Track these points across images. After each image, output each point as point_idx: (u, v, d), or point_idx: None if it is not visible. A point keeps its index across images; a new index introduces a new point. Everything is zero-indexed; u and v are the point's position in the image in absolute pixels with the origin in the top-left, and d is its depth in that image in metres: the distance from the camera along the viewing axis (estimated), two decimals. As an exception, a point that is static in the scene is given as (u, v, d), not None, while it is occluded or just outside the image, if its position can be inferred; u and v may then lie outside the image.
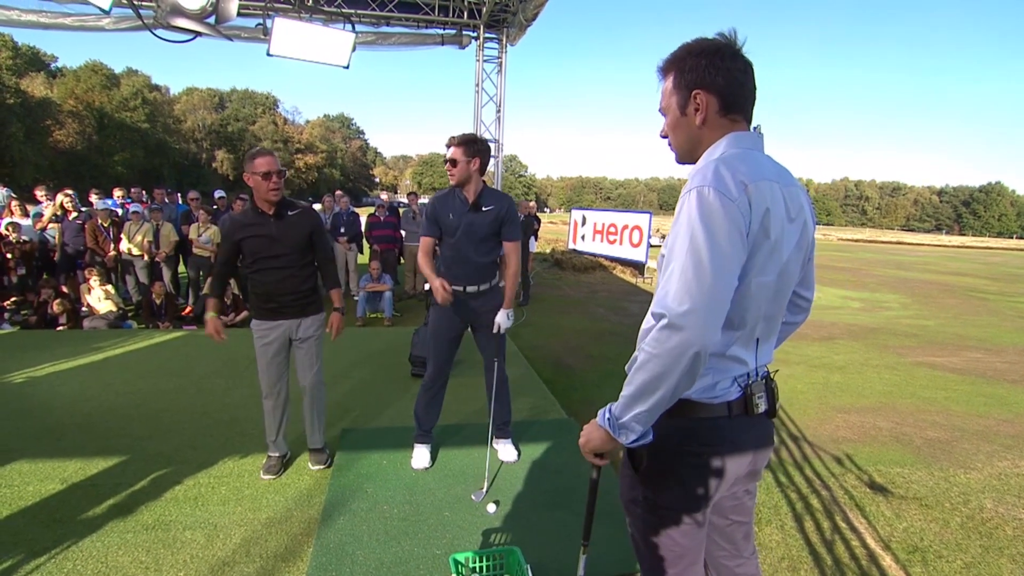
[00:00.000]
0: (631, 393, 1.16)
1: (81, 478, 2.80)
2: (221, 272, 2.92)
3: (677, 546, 1.32)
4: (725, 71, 1.21)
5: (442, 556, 2.25)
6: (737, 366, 1.25)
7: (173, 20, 3.77)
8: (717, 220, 1.09)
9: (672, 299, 1.09)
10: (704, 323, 1.07)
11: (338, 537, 2.35)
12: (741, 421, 1.27)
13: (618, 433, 1.20)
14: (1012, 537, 3.06)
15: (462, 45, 6.04)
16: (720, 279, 1.08)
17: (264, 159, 2.63)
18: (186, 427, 3.48)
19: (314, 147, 57.24)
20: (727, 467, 1.27)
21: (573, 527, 2.52)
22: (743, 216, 1.11)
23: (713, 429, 1.26)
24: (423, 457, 3.08)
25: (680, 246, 1.11)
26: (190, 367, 4.68)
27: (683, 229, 1.12)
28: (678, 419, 1.26)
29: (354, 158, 68.05)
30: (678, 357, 1.08)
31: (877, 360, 6.78)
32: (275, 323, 2.81)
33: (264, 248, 2.71)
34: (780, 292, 1.25)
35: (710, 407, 1.25)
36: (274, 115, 56.61)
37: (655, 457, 1.27)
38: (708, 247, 1.08)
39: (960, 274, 20.49)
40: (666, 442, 1.27)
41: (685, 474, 1.27)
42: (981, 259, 32.66)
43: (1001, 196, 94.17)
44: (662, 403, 1.14)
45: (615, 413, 1.20)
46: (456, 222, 2.83)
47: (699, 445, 1.26)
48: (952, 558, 2.83)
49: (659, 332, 1.10)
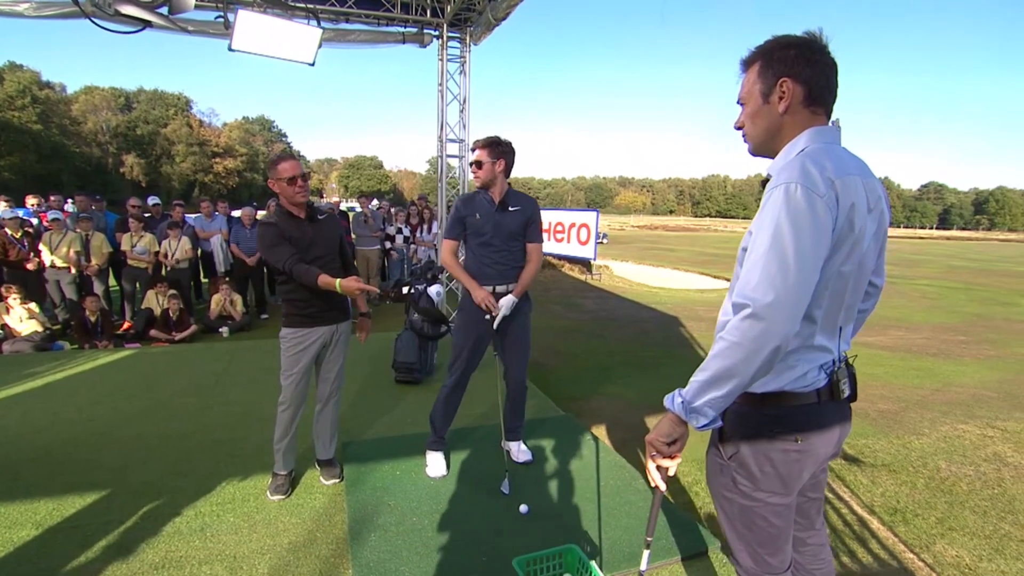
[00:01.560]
0: (706, 379, 1.19)
1: (58, 519, 2.50)
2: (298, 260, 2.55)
3: (773, 527, 1.37)
4: (813, 63, 1.25)
5: (490, 563, 2.21)
6: (823, 355, 1.30)
7: (120, 7, 3.44)
8: (803, 216, 1.13)
9: (757, 291, 1.13)
10: (786, 316, 1.11)
11: (375, 555, 2.24)
12: (829, 406, 1.32)
13: (690, 417, 1.23)
14: (968, 492, 3.42)
15: (423, 44, 5.92)
16: (803, 274, 1.12)
17: (287, 164, 2.56)
18: (167, 453, 3.20)
19: (233, 151, 54.04)
20: (818, 450, 1.32)
21: (599, 523, 2.55)
22: (830, 211, 1.15)
23: (805, 416, 1.30)
24: (439, 465, 3.01)
25: (764, 239, 1.15)
26: (151, 388, 4.30)
27: (768, 223, 1.16)
28: (772, 408, 1.31)
29: (277, 161, 64.96)
30: (760, 347, 1.12)
31: (820, 342, 7.32)
32: (311, 330, 2.67)
33: (303, 252, 2.59)
34: (859, 281, 1.31)
35: (802, 395, 1.29)
36: (188, 117, 52.94)
37: (751, 446, 1.32)
38: (793, 242, 1.12)
39: (867, 261, 22.47)
40: (761, 431, 1.32)
41: (779, 460, 1.31)
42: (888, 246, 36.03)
43: (890, 189, 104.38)
44: (737, 390, 1.18)
45: (687, 398, 1.23)
46: (484, 222, 2.81)
47: (793, 432, 1.30)
48: (926, 516, 3.12)
49: (741, 322, 1.14)
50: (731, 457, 1.37)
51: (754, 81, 1.32)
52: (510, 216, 2.82)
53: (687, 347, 6.88)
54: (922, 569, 2.67)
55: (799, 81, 1.26)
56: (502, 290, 2.86)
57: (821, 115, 1.30)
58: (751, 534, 1.40)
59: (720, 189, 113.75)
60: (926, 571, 2.66)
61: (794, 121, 1.29)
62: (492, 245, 2.82)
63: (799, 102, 1.27)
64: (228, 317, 6.86)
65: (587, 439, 3.50)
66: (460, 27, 5.60)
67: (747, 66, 1.35)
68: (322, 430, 2.89)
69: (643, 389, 5.15)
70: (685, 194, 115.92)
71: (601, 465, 3.15)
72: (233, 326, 6.73)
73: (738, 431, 1.35)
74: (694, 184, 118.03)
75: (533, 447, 3.29)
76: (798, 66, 1.25)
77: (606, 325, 8.03)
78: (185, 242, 7.05)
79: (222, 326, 6.68)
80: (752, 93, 1.33)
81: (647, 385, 5.28)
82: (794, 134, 1.29)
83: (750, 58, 1.34)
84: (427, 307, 4.63)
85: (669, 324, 8.27)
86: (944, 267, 21.09)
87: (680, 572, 2.28)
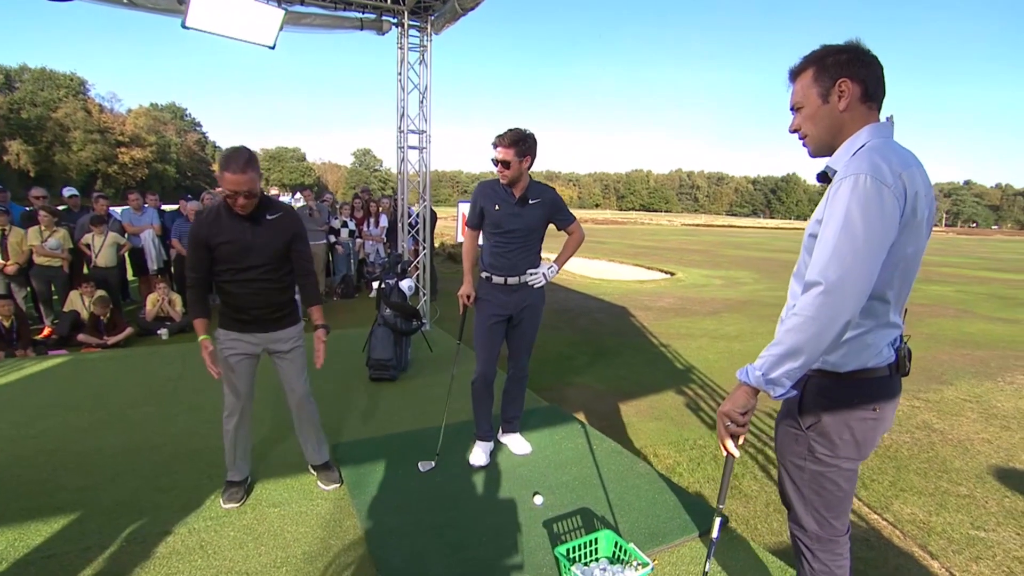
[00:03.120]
0: (783, 352, 1.30)
1: (26, 550, 2.22)
2: (198, 283, 2.45)
3: (841, 491, 1.51)
4: (867, 64, 1.38)
5: (519, 556, 2.21)
6: (894, 331, 1.44)
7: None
8: (872, 204, 1.24)
9: (828, 270, 1.24)
10: (855, 293, 1.24)
11: (400, 558, 2.17)
12: (896, 378, 1.47)
13: (768, 388, 1.34)
14: (909, 457, 3.82)
15: (382, 31, 5.71)
16: (872, 256, 1.24)
17: (231, 177, 2.20)
18: (138, 467, 2.93)
19: (141, 140, 49.56)
20: (888, 417, 1.47)
21: (610, 508, 2.64)
22: (898, 200, 1.26)
23: (880, 388, 1.44)
24: (480, 455, 3.05)
25: (835, 224, 1.26)
26: (99, 397, 3.91)
27: (839, 211, 1.26)
28: (852, 382, 1.43)
29: (190, 152, 60.39)
30: (831, 322, 1.24)
31: (761, 328, 7.84)
32: (242, 335, 2.49)
33: (237, 257, 2.36)
34: (917, 263, 1.44)
35: (877, 370, 1.43)
36: (85, 101, 47.95)
37: (832, 416, 1.44)
38: (863, 227, 1.23)
39: (786, 251, 24.27)
40: (842, 402, 1.44)
41: (858, 428, 1.44)
42: (795, 238, 38.92)
43: (796, 185, 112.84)
44: (810, 361, 1.30)
45: (764, 371, 1.34)
46: (502, 214, 2.79)
47: (871, 402, 1.44)
48: (881, 480, 3.46)
49: (815, 299, 1.26)
50: (810, 427, 1.49)
51: (809, 85, 1.42)
52: (530, 209, 2.82)
53: (641, 336, 7.14)
54: (887, 528, 2.96)
55: (856, 80, 1.37)
56: (513, 282, 2.86)
57: (875, 111, 1.41)
58: (819, 499, 1.53)
59: (643, 183, 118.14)
60: (890, 529, 2.95)
61: (853, 117, 1.39)
62: (510, 237, 2.82)
63: (857, 99, 1.38)
64: (166, 318, 6.35)
65: (578, 428, 3.57)
66: (421, 15, 5.46)
67: (797, 75, 1.46)
68: (305, 437, 2.76)
69: (608, 378, 5.30)
70: (610, 188, 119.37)
71: (598, 452, 3.22)
72: (173, 327, 6.24)
73: (820, 403, 1.46)
74: (619, 178, 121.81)
75: (528, 439, 3.31)
76: (853, 67, 1.37)
77: (560, 316, 8.17)
78: (117, 238, 6.45)
79: (160, 328, 6.18)
80: (809, 96, 1.43)
81: (611, 374, 5.45)
82: (854, 130, 1.40)
83: (800, 67, 1.45)
84: (399, 302, 4.52)
85: (619, 314, 8.54)
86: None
87: (699, 546, 2.39)
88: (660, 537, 2.36)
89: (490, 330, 2.91)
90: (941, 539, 2.84)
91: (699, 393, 4.95)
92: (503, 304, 2.88)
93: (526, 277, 2.85)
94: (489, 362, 2.96)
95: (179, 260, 6.99)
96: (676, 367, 5.77)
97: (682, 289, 11.75)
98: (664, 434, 4.03)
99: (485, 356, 2.94)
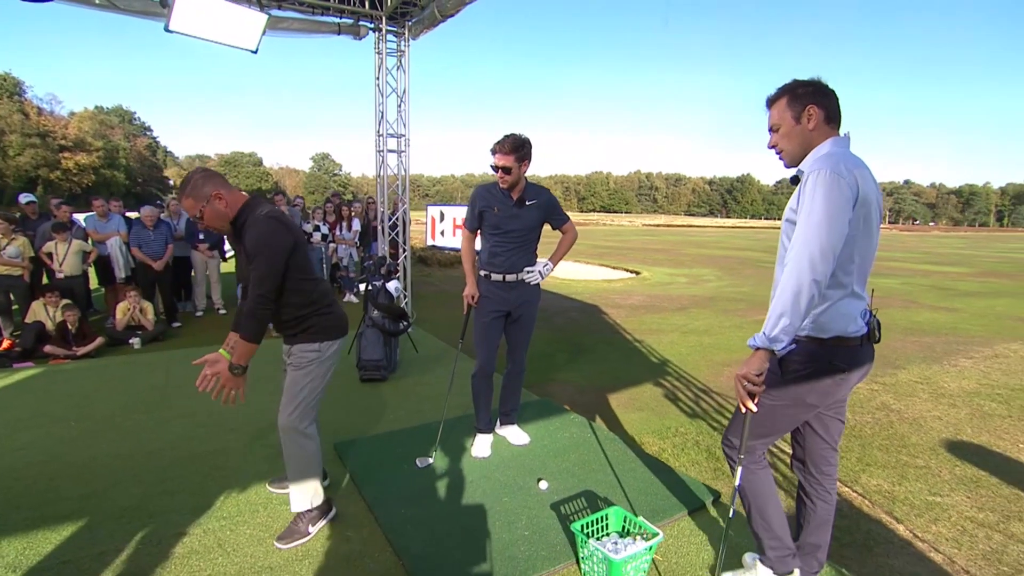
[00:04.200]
0: (778, 311, 1.61)
1: (38, 558, 2.20)
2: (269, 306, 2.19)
3: (777, 424, 1.89)
4: (827, 95, 1.77)
5: (532, 535, 2.34)
6: (860, 302, 1.77)
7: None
8: (833, 189, 1.58)
9: (803, 241, 1.59)
10: (823, 255, 1.57)
11: (420, 546, 2.26)
12: (866, 347, 1.80)
13: (773, 344, 1.63)
14: (872, 435, 4.13)
15: (359, 36, 5.73)
16: (833, 228, 1.58)
17: (182, 200, 2.17)
18: (140, 473, 2.91)
19: (86, 144, 47.22)
20: (853, 379, 1.82)
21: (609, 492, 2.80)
22: (851, 189, 1.60)
23: (851, 353, 1.77)
24: (483, 446, 3.17)
25: (806, 208, 1.61)
26: (82, 408, 3.82)
27: (808, 197, 1.62)
28: (830, 346, 1.76)
29: (140, 158, 57.92)
30: (809, 281, 1.57)
31: (727, 322, 8.21)
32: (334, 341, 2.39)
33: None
34: (873, 244, 1.77)
35: (852, 339, 1.76)
36: (22, 103, 45.38)
37: (812, 368, 1.77)
38: (825, 206, 1.58)
39: (744, 249, 25.23)
40: (820, 360, 1.77)
41: (826, 382, 1.78)
42: (751, 236, 40.46)
43: (751, 186, 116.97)
44: (798, 317, 1.60)
45: (766, 332, 1.63)
46: (502, 216, 2.93)
47: (841, 363, 1.77)
48: (849, 457, 3.74)
49: (795, 262, 1.59)
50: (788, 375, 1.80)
51: (784, 110, 1.79)
52: (527, 211, 2.96)
53: (615, 333, 7.37)
54: (857, 498, 3.22)
55: (820, 107, 1.75)
56: (512, 280, 2.99)
57: (835, 129, 1.79)
58: (765, 424, 1.87)
59: (604, 185, 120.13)
60: (860, 499, 3.21)
61: (819, 134, 1.77)
62: (510, 238, 2.96)
63: (821, 121, 1.76)
64: (137, 327, 6.18)
65: (570, 418, 3.72)
66: (398, 21, 5.52)
67: (773, 102, 1.83)
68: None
69: (588, 373, 5.48)
70: (571, 190, 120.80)
71: (592, 440, 3.39)
72: (145, 336, 6.08)
73: (802, 359, 1.79)
74: (579, 180, 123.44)
75: (524, 430, 3.44)
76: (817, 97, 1.76)
77: (538, 316, 8.32)
78: (83, 245, 6.24)
79: (132, 337, 6.01)
80: (785, 118, 1.79)
81: (590, 369, 5.63)
82: (819, 143, 1.76)
83: (776, 96, 1.82)
84: (387, 303, 4.58)
85: (593, 312, 8.76)
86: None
87: (689, 523, 2.57)
88: (660, 513, 2.53)
89: (489, 326, 3.03)
90: (904, 506, 3.12)
91: (676, 385, 5.18)
92: (502, 300, 3.00)
93: (523, 275, 2.99)
94: (489, 356, 3.08)
95: (140, 268, 6.80)
96: (651, 361, 6.00)
97: (649, 287, 12.11)
98: (647, 423, 4.23)
99: (485, 351, 3.07)
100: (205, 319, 7.39)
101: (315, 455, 2.34)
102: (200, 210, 2.15)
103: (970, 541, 2.76)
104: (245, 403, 2.31)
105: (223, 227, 2.23)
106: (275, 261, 2.09)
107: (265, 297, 2.09)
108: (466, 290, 3.04)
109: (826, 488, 1.99)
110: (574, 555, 2.19)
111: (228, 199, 2.18)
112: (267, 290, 2.08)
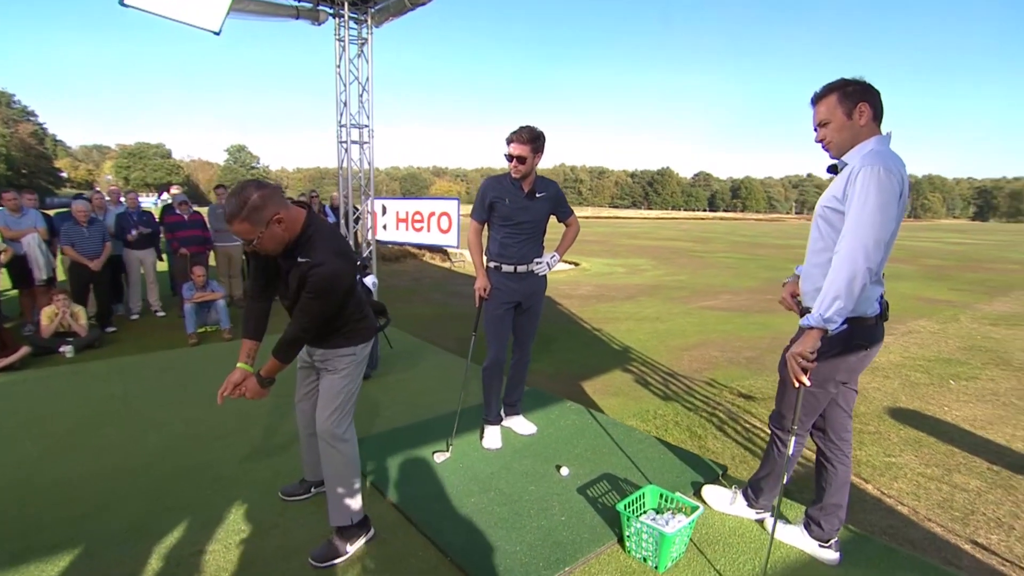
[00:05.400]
0: (832, 294, 1.78)
1: (35, 587, 1.99)
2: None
3: (819, 403, 2.10)
4: (875, 93, 1.93)
5: (568, 520, 2.40)
6: (881, 287, 2.00)
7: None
8: (886, 186, 1.76)
9: (857, 232, 1.75)
10: (877, 247, 1.75)
11: (462, 540, 2.26)
12: (880, 325, 2.04)
13: (827, 324, 1.80)
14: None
15: (318, 21, 5.45)
16: (886, 222, 1.76)
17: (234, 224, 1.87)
18: (130, 492, 2.66)
19: (-46, 129, 41.71)
20: (872, 354, 2.07)
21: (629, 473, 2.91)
22: (899, 186, 1.79)
23: (870, 330, 2.00)
24: (494, 438, 3.19)
25: (860, 200, 1.77)
26: (32, 425, 3.43)
27: (859, 190, 1.78)
28: (852, 326, 1.93)
29: (24, 146, 51.82)
30: (864, 269, 1.74)
31: (675, 309, 8.64)
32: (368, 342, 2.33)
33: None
34: (896, 237, 1.96)
35: (869, 319, 1.97)
36: None
37: (840, 348, 1.97)
38: (879, 201, 1.75)
39: (673, 239, 26.49)
40: (846, 340, 1.96)
41: (852, 359, 2.02)
42: (676, 226, 42.49)
43: (671, 178, 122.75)
44: (851, 300, 1.76)
45: (821, 313, 1.80)
46: (513, 207, 2.95)
47: (862, 340, 2.00)
48: (811, 429, 4.10)
49: (850, 252, 1.76)
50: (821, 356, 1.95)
51: (835, 106, 1.93)
52: (538, 203, 3.00)
53: (572, 323, 7.56)
54: (827, 464, 3.55)
55: (869, 104, 1.91)
56: (523, 270, 3.03)
57: (879, 127, 1.96)
58: (807, 402, 2.07)
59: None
60: (830, 465, 3.55)
61: (867, 130, 1.93)
62: (520, 229, 2.99)
63: (870, 118, 1.92)
64: (67, 333, 5.60)
65: (568, 406, 3.82)
66: (360, 7, 5.33)
67: (820, 98, 1.97)
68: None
69: (556, 363, 5.62)
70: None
71: (595, 425, 3.50)
72: (78, 343, 5.52)
73: (830, 341, 1.93)
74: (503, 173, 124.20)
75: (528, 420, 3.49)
76: (867, 95, 1.91)
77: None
78: (-5, 245, 5.55)
79: (61, 345, 5.44)
80: (836, 114, 1.93)
81: (557, 359, 5.76)
82: (865, 139, 1.93)
83: (824, 93, 1.96)
84: (369, 299, 4.45)
85: (547, 303, 8.89)
86: (728, 242, 25.77)
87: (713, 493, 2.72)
88: (680, 489, 2.68)
89: (502, 317, 3.06)
90: (867, 467, 3.48)
91: (643, 370, 5.42)
92: (513, 291, 3.03)
93: (532, 266, 3.03)
94: (501, 348, 3.11)
95: (73, 269, 6.18)
96: (614, 348, 6.23)
97: (592, 278, 12.46)
98: (625, 408, 4.41)
99: (497, 342, 3.09)
100: (143, 322, 6.82)
101: (353, 460, 2.24)
102: (258, 236, 1.88)
103: (925, 493, 3.14)
104: (223, 407, 2.30)
105: (276, 251, 1.98)
106: (337, 301, 2.05)
107: (313, 328, 2.05)
108: (477, 283, 3.04)
109: (844, 452, 2.21)
110: (615, 535, 2.28)
111: (288, 221, 1.91)
112: (318, 324, 2.05)
